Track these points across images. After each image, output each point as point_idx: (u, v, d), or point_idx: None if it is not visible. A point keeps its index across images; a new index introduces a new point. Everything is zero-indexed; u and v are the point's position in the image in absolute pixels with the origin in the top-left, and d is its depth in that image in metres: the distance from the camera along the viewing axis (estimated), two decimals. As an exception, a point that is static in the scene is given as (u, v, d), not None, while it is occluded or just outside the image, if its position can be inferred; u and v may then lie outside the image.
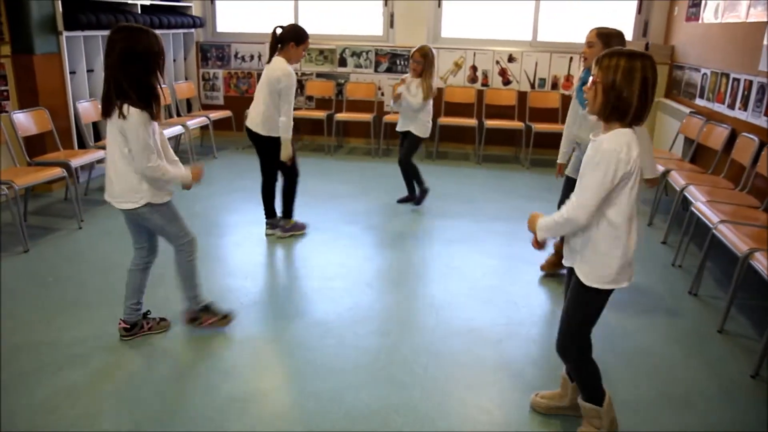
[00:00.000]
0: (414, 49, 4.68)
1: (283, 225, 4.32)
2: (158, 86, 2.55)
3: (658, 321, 3.23)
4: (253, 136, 4.09)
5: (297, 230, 4.35)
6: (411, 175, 4.95)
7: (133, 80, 2.46)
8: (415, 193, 5.06)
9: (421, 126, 4.81)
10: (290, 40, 3.93)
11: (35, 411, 2.37)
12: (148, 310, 3.00)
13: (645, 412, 2.46)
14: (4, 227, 4.32)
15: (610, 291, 2.11)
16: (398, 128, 4.95)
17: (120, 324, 2.89)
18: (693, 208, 3.80)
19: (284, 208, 4.32)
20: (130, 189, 2.64)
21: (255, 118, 4.04)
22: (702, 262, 3.54)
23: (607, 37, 3.37)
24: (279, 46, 3.97)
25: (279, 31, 3.98)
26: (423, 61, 4.62)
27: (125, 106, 2.47)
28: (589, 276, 2.07)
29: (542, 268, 3.79)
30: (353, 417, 2.38)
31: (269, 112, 3.97)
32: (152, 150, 2.55)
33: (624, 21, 6.64)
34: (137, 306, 2.90)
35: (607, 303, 2.14)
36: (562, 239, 3.71)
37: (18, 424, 2.29)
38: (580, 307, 2.15)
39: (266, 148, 4.10)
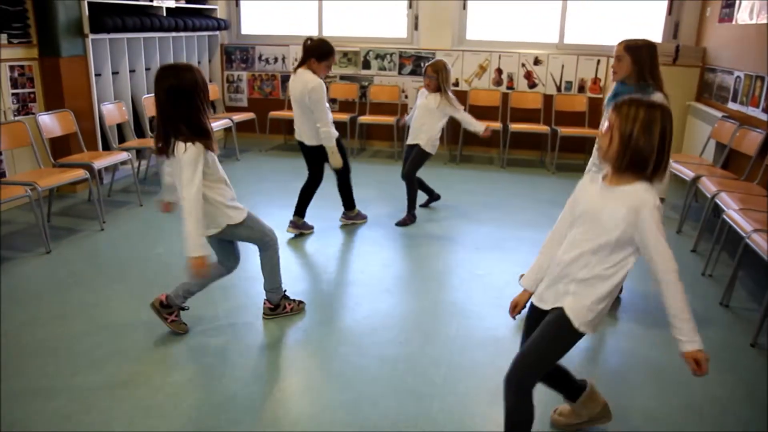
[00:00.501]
0: (427, 65, 4.56)
1: (346, 214, 4.60)
2: (207, 119, 2.62)
3: (688, 333, 3.10)
4: (301, 145, 4.23)
5: (359, 219, 4.62)
6: (412, 191, 4.69)
7: (183, 116, 2.54)
8: (434, 193, 5.04)
9: (430, 141, 4.61)
10: (311, 55, 3.96)
11: (53, 414, 2.36)
12: (188, 307, 3.06)
13: (677, 426, 2.36)
14: (28, 228, 4.36)
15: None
16: (408, 141, 4.75)
17: (161, 296, 2.98)
18: (725, 216, 3.66)
19: (345, 201, 4.53)
20: (213, 213, 2.76)
21: (299, 129, 4.18)
22: (734, 272, 3.41)
23: (635, 49, 3.23)
24: (305, 58, 4.00)
25: (308, 43, 4.00)
26: (436, 77, 4.46)
27: (179, 143, 2.56)
28: (583, 320, 1.97)
29: None
30: (369, 429, 2.32)
31: (309, 124, 4.07)
32: (195, 179, 2.58)
33: (654, 22, 6.49)
34: (189, 294, 3.00)
35: None
36: None
37: (25, 425, 2.28)
38: (560, 345, 2.04)
39: (312, 156, 4.23)
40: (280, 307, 3.15)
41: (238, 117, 6.76)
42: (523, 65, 6.73)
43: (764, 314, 3.01)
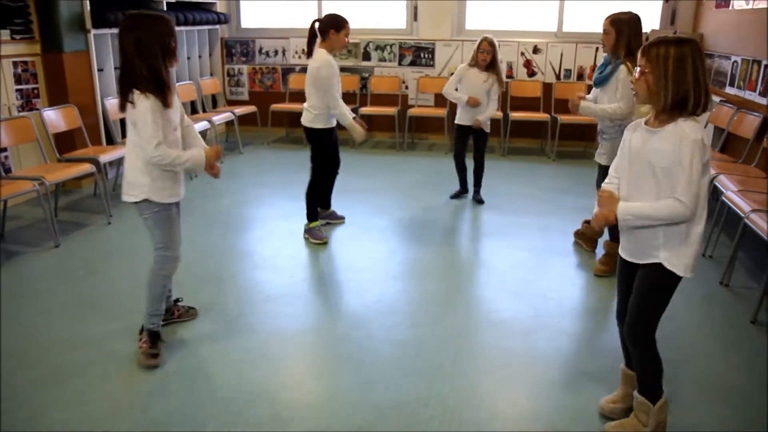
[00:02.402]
0: (481, 39, 4.61)
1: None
2: (167, 73, 2.49)
3: (690, 312, 3.17)
4: (304, 130, 4.11)
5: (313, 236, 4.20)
6: (483, 170, 4.91)
7: (145, 67, 2.41)
8: (466, 186, 5.07)
9: (488, 121, 4.77)
10: (330, 27, 3.91)
11: (66, 404, 2.41)
12: (180, 298, 3.05)
13: (680, 405, 2.42)
14: (36, 223, 4.41)
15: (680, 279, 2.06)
16: (466, 122, 4.77)
17: None
18: (724, 198, 3.73)
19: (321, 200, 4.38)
20: (133, 181, 2.58)
21: (304, 112, 4.07)
22: (734, 252, 3.47)
23: (618, 23, 3.36)
24: (320, 37, 3.95)
25: (317, 24, 3.97)
26: (493, 51, 4.56)
27: (135, 94, 2.43)
28: (677, 265, 2.01)
29: (598, 272, 3.62)
30: (381, 410, 2.38)
31: (313, 103, 3.97)
32: (159, 138, 2.45)
33: (651, 9, 6.51)
34: (168, 293, 2.91)
35: None
36: (613, 238, 3.61)
37: (43, 418, 2.34)
38: (661, 295, 2.09)
39: (310, 139, 4.11)
40: (167, 312, 2.93)
41: (240, 110, 6.79)
42: (523, 54, 6.76)
43: (763, 292, 3.08)
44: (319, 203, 4.29)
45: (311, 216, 4.18)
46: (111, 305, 3.20)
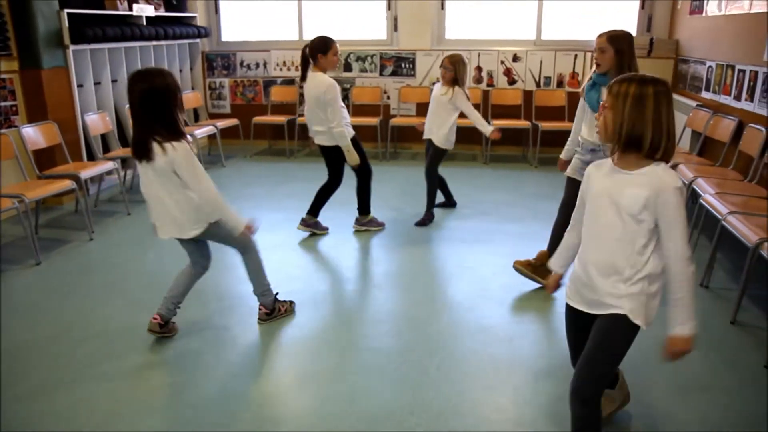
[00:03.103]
0: (444, 56, 4.58)
1: (358, 219, 4.57)
2: (181, 122, 2.65)
3: (663, 313, 3.20)
4: (321, 148, 4.29)
5: (374, 225, 4.55)
6: (431, 188, 4.73)
7: (157, 117, 2.57)
8: (452, 199, 5.05)
9: (443, 137, 4.61)
10: (317, 51, 4.03)
11: (51, 421, 2.39)
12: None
13: (661, 403, 2.45)
14: (16, 240, 4.37)
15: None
16: (424, 135, 4.75)
17: (155, 319, 2.93)
18: (702, 201, 3.78)
19: (360, 205, 4.52)
20: (190, 218, 2.78)
21: (317, 133, 4.21)
22: (712, 253, 3.52)
23: (618, 40, 3.30)
24: (311, 61, 4.06)
25: (307, 50, 4.08)
26: (453, 69, 4.46)
27: (165, 143, 2.58)
28: (639, 316, 1.90)
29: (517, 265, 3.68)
30: (366, 419, 2.38)
31: (327, 125, 4.10)
32: (206, 174, 2.71)
33: (627, 16, 6.62)
34: (178, 306, 3.00)
35: None
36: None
37: (26, 427, 2.32)
38: (622, 347, 1.96)
39: (330, 158, 4.29)
40: (275, 310, 3.17)
41: (222, 123, 6.79)
42: (502, 62, 6.83)
43: (741, 293, 3.12)
44: (313, 210, 4.42)
45: (364, 209, 4.52)
46: (94, 323, 3.18)
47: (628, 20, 6.62)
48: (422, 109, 6.91)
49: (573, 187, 3.50)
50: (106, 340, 2.97)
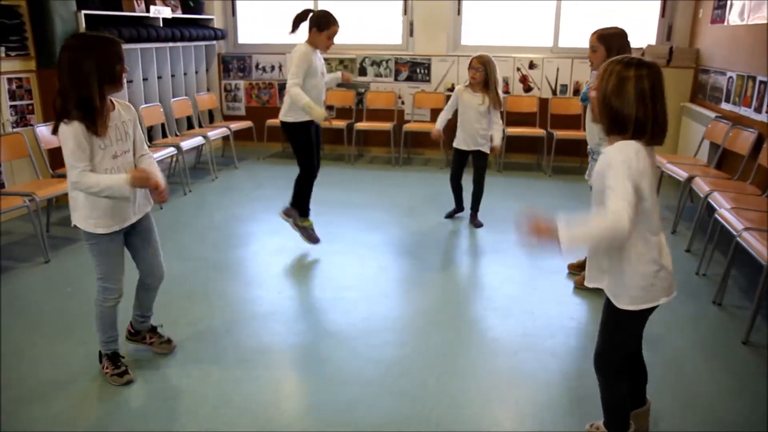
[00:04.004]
0: (473, 57, 4.48)
1: (287, 209, 4.19)
2: (102, 99, 2.33)
3: (680, 331, 3.13)
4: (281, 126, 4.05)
5: (306, 236, 4.17)
6: (482, 192, 4.76)
7: (75, 90, 2.27)
8: (461, 206, 4.95)
9: (488, 144, 4.59)
10: (312, 26, 3.89)
11: (48, 422, 2.38)
12: (159, 325, 2.92)
13: (667, 425, 2.38)
14: (27, 238, 4.40)
15: (646, 311, 1.97)
16: (465, 147, 4.63)
17: (128, 327, 2.89)
18: (717, 215, 3.69)
19: (293, 198, 4.16)
20: (71, 204, 2.49)
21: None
22: (726, 270, 3.43)
23: (608, 38, 3.28)
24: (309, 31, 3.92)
25: (310, 14, 3.94)
26: (483, 69, 4.39)
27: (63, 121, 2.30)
28: (621, 298, 1.95)
29: (578, 284, 3.62)
30: (363, 430, 2.35)
31: (287, 98, 3.91)
32: (80, 165, 2.30)
33: (647, 25, 6.53)
34: (142, 318, 2.85)
35: (645, 322, 2.04)
36: None
37: (19, 426, 2.32)
38: (614, 330, 2.03)
39: (287, 135, 4.06)
40: (140, 334, 2.85)
41: (236, 126, 6.81)
42: (518, 69, 6.77)
43: (755, 312, 3.03)
44: (295, 202, 4.17)
45: (302, 212, 4.13)
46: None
47: (647, 29, 6.52)
48: (436, 114, 6.87)
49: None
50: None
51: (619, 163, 1.79)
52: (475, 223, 4.76)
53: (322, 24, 3.89)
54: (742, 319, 3.25)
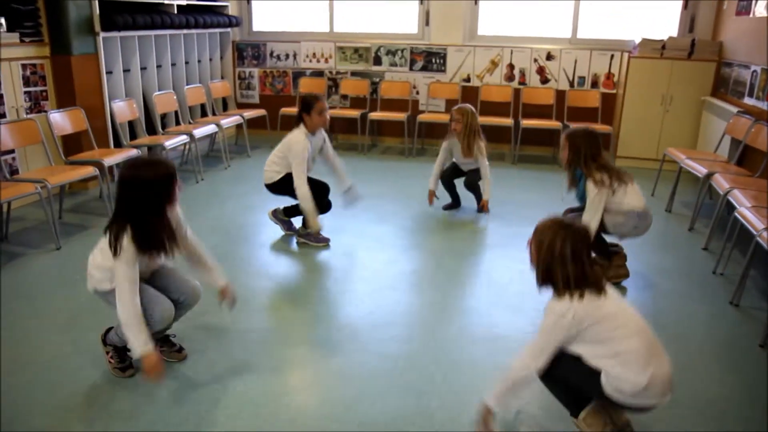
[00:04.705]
0: (453, 109, 4.65)
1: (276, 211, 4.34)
2: (163, 225, 2.41)
3: (696, 332, 3.06)
4: (270, 189, 4.18)
5: (280, 222, 4.30)
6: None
7: (133, 215, 2.35)
8: (458, 201, 4.97)
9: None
10: (302, 111, 3.99)
11: (52, 410, 2.38)
12: (173, 334, 2.82)
13: (677, 428, 2.32)
14: (39, 224, 4.42)
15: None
16: (461, 167, 4.85)
17: None
18: (736, 214, 3.60)
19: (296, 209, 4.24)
20: (90, 274, 2.58)
21: (265, 174, 4.14)
22: (745, 270, 3.34)
23: (572, 137, 3.42)
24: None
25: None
26: (461, 118, 4.53)
27: (122, 237, 2.34)
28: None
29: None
30: (366, 426, 2.32)
31: (273, 160, 4.07)
32: (128, 272, 2.37)
33: (669, 16, 6.38)
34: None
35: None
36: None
37: (23, 424, 2.31)
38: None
39: (284, 191, 4.11)
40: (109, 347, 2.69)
41: (249, 114, 6.78)
42: (536, 60, 6.66)
43: (773, 314, 2.95)
44: (288, 211, 4.29)
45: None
46: (105, 311, 3.17)
47: (669, 20, 6.38)
48: (451, 105, 6.80)
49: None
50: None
51: (552, 313, 2.07)
52: (483, 208, 4.83)
53: (308, 106, 3.97)
54: (759, 321, 3.17)
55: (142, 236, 2.37)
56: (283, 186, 4.07)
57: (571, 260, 2.01)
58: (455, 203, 4.96)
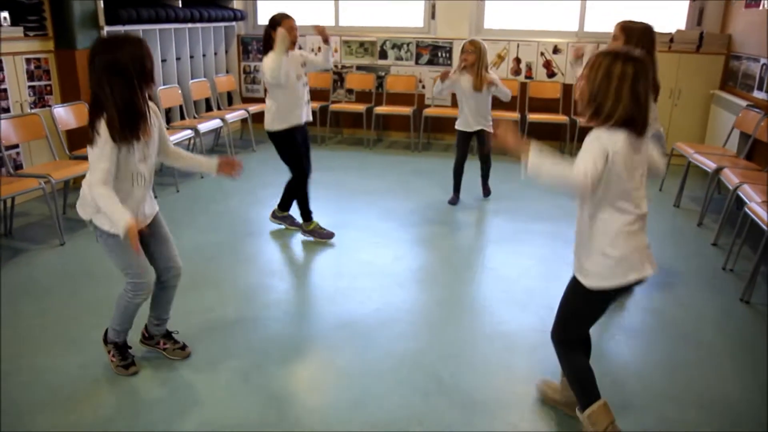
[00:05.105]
0: (465, 41, 4.68)
1: (274, 212, 4.29)
2: (143, 103, 2.29)
3: (706, 330, 3.02)
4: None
5: (289, 223, 4.25)
6: (489, 168, 5.00)
7: (115, 97, 2.20)
8: (458, 194, 4.97)
9: (490, 122, 4.75)
10: (270, 28, 3.81)
11: (54, 409, 2.37)
12: (175, 331, 2.78)
13: (688, 425, 2.29)
14: (43, 220, 4.40)
15: (605, 293, 2.05)
16: (468, 128, 4.75)
17: (142, 330, 2.78)
18: (747, 209, 3.55)
19: (282, 200, 4.22)
20: (85, 195, 2.39)
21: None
22: (756, 266, 3.30)
23: (629, 30, 3.22)
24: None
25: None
26: (474, 50, 4.56)
27: (101, 122, 2.21)
28: (581, 272, 2.08)
29: None
30: (373, 427, 2.29)
31: (268, 105, 3.93)
32: (102, 173, 2.23)
33: (678, 9, 6.31)
34: (157, 321, 2.71)
35: (606, 306, 2.13)
36: None
37: (30, 424, 2.30)
38: (572, 301, 2.17)
39: (274, 143, 4.04)
40: (153, 339, 2.74)
41: (254, 108, 6.73)
42: (542, 54, 6.60)
43: (785, 311, 2.91)
44: (282, 205, 4.24)
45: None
46: (109, 308, 3.14)
47: (678, 13, 6.30)
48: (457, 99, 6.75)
49: None
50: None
51: (592, 137, 1.95)
52: (485, 192, 5.04)
53: (273, 22, 3.83)
54: (770, 318, 3.13)
55: (118, 121, 2.21)
56: (278, 139, 3.97)
57: (631, 95, 1.87)
58: (456, 197, 4.94)
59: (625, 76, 1.86)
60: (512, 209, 4.77)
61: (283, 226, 4.30)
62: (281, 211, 4.28)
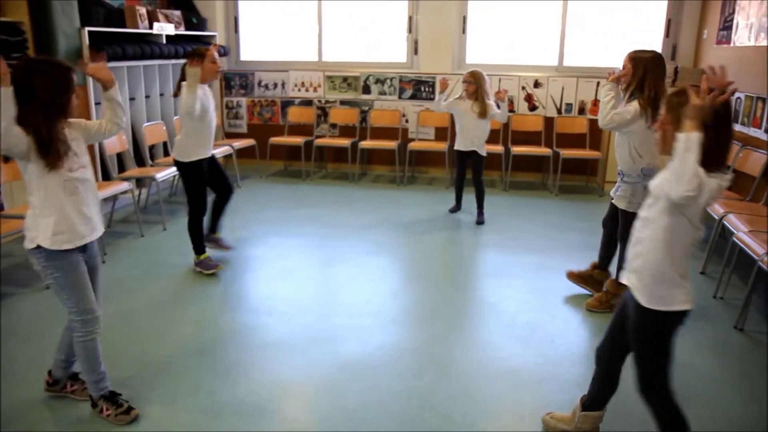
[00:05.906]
0: (465, 73, 5.19)
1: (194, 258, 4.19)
2: (59, 133, 2.23)
3: (701, 357, 3.06)
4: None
5: (204, 268, 4.10)
6: (483, 193, 5.32)
7: (30, 124, 2.14)
8: (460, 205, 5.54)
9: (483, 146, 5.23)
10: (192, 60, 3.79)
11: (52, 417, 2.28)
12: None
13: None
14: (27, 262, 4.26)
15: (675, 314, 1.99)
16: (463, 148, 5.23)
17: (46, 376, 2.66)
18: (735, 239, 3.64)
19: (194, 245, 4.14)
20: (29, 224, 2.28)
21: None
22: (748, 294, 3.37)
23: (636, 60, 3.33)
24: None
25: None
26: (474, 80, 5.08)
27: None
28: (647, 296, 2.00)
29: (589, 306, 3.60)
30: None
31: (180, 136, 3.98)
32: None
33: (652, 45, 6.51)
34: (64, 364, 2.60)
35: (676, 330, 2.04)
36: (601, 266, 3.66)
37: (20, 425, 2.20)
38: (652, 336, 2.04)
39: (180, 173, 4.09)
40: (60, 383, 2.61)
41: (238, 143, 6.73)
42: (524, 88, 6.74)
43: (782, 340, 2.96)
44: (209, 226, 4.29)
45: (198, 249, 4.14)
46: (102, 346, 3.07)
47: (652, 48, 6.50)
48: (441, 133, 6.87)
49: (614, 214, 3.49)
50: (110, 365, 2.85)
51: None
52: (478, 220, 5.28)
53: (199, 55, 3.85)
54: (765, 345, 3.17)
55: (38, 141, 2.16)
56: (185, 170, 4.00)
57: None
58: (458, 206, 5.53)
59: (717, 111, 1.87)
60: (504, 241, 4.80)
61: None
62: (198, 257, 4.16)
